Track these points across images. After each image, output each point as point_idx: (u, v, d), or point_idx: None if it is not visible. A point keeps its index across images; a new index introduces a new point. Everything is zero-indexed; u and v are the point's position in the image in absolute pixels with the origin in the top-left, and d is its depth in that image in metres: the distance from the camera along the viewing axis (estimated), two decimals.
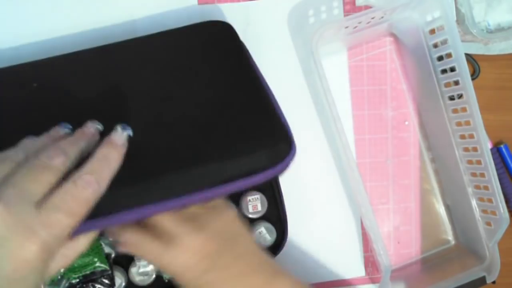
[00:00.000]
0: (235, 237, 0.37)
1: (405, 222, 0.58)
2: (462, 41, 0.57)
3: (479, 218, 0.53)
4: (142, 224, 0.35)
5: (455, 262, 0.56)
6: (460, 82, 0.50)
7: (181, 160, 0.35)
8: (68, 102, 0.39)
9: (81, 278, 0.45)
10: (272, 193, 0.49)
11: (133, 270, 0.47)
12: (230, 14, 0.54)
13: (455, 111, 0.53)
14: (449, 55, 0.51)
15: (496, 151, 0.59)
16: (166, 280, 0.47)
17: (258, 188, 0.49)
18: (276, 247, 0.49)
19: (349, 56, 0.57)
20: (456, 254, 0.57)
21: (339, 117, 0.47)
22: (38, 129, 0.33)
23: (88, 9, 0.52)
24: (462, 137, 0.53)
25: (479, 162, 0.51)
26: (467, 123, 0.51)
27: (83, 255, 0.45)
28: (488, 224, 0.52)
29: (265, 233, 0.49)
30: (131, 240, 0.35)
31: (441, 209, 0.59)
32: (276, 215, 0.49)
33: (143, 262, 0.47)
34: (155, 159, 0.35)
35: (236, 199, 0.49)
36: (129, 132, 0.34)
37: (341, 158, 0.55)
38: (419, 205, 0.58)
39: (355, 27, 0.50)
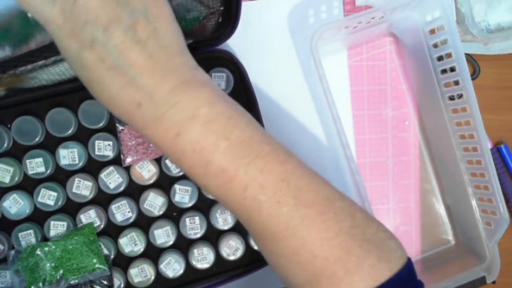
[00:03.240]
0: None
1: (405, 222, 0.58)
2: (462, 41, 0.57)
3: (479, 218, 0.53)
4: None
5: (455, 262, 0.55)
6: (460, 82, 0.50)
7: None
8: None
9: (79, 279, 0.45)
10: None
11: (132, 271, 0.47)
12: None
13: (455, 111, 0.53)
14: (449, 55, 0.51)
15: (496, 151, 0.59)
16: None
17: None
18: None
19: (349, 56, 0.57)
20: (456, 254, 0.57)
21: (339, 117, 0.47)
22: None
23: None
24: (462, 137, 0.53)
25: (479, 162, 0.51)
26: (467, 123, 0.51)
27: (83, 256, 0.45)
28: (488, 224, 0.52)
29: None
30: None
31: (441, 209, 0.59)
32: None
33: (143, 265, 0.47)
34: None
35: None
36: None
37: (341, 158, 0.55)
38: (419, 205, 0.58)
39: (355, 27, 0.50)
